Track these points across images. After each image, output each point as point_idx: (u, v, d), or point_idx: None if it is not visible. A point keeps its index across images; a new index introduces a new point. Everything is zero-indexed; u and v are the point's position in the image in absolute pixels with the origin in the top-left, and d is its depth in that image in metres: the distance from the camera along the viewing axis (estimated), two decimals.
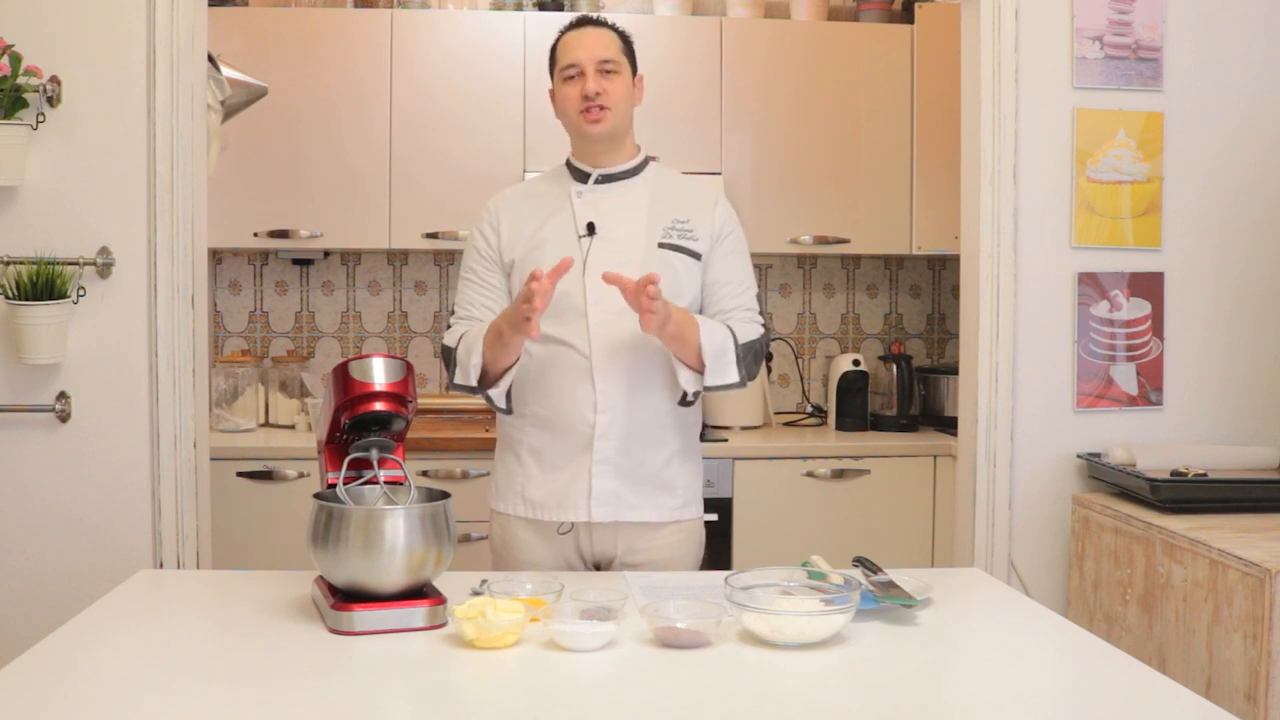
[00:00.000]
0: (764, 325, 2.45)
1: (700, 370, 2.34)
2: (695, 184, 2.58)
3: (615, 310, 2.36)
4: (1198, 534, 2.56)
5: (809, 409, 4.46)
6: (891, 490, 3.88)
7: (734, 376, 2.35)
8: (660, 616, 1.84)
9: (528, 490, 2.42)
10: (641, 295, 2.17)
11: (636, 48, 2.49)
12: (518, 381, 2.45)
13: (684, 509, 2.46)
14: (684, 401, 2.41)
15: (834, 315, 4.50)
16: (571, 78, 2.39)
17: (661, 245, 2.40)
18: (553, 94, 2.46)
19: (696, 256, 2.41)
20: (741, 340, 2.37)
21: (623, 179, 2.46)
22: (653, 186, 2.46)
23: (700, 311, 2.44)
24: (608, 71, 2.38)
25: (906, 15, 4.24)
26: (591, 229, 2.40)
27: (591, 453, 2.36)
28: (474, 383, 2.37)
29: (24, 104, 2.71)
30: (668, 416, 2.42)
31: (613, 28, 2.45)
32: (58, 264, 2.72)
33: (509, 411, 2.42)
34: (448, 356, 2.43)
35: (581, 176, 2.46)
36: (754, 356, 2.40)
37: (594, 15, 2.49)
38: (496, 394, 2.38)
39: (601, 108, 2.37)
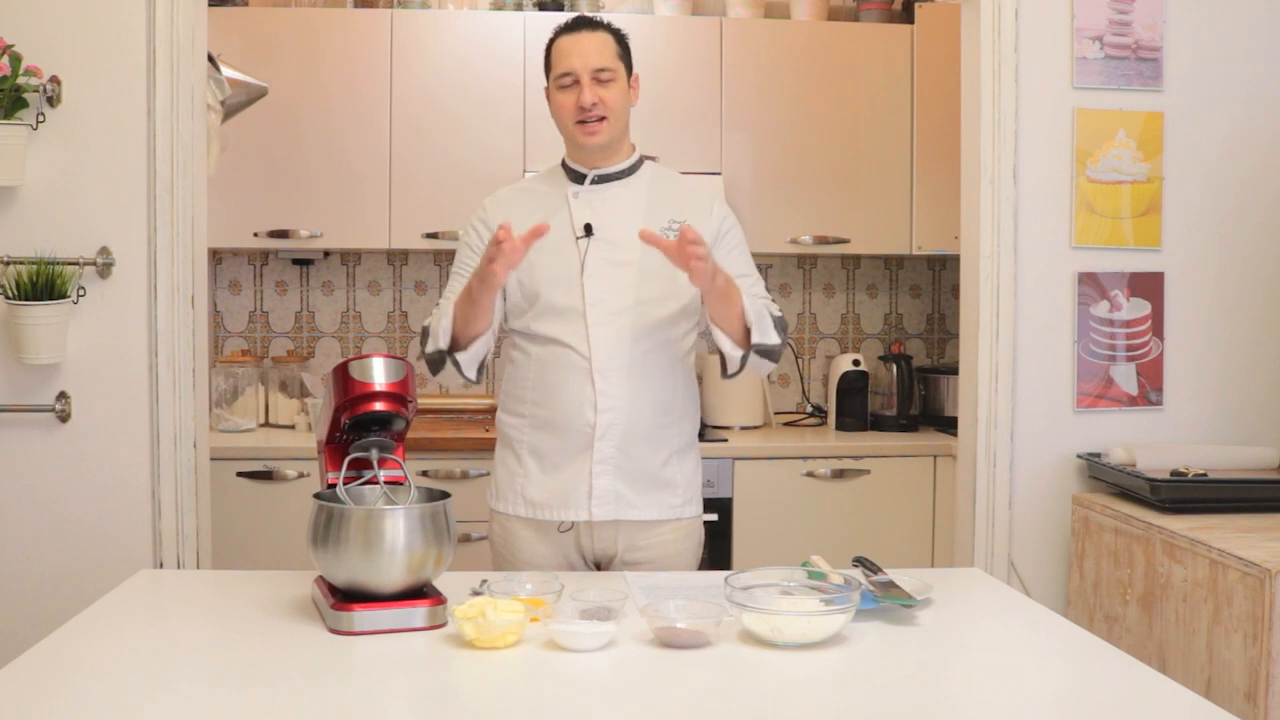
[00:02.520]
0: (779, 310, 2.47)
1: (740, 338, 2.35)
2: (691, 183, 2.58)
3: (614, 310, 2.37)
4: (1198, 534, 2.56)
5: (809, 409, 4.46)
6: (891, 490, 3.88)
7: (775, 338, 2.37)
8: (660, 616, 1.84)
9: (528, 490, 2.42)
10: (686, 250, 2.18)
11: (635, 48, 2.48)
12: (515, 381, 2.46)
13: (684, 507, 2.46)
14: (726, 373, 2.42)
15: (834, 315, 4.50)
16: (566, 86, 2.38)
17: None
18: (548, 93, 2.45)
19: None
20: (775, 313, 2.41)
21: (619, 179, 2.45)
22: (649, 186, 2.46)
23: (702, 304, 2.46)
24: (603, 80, 2.37)
25: (906, 15, 4.24)
26: (589, 230, 2.40)
27: (592, 453, 2.37)
28: (443, 345, 2.37)
29: (24, 104, 2.71)
30: (667, 415, 2.42)
31: (608, 28, 2.42)
32: (58, 264, 2.72)
33: (475, 382, 2.44)
34: (424, 335, 2.44)
35: (577, 177, 2.46)
36: (783, 330, 2.42)
37: (590, 15, 2.45)
38: (464, 359, 2.37)
39: (599, 118, 2.36)
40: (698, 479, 2.51)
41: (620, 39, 2.43)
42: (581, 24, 2.41)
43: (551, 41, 2.43)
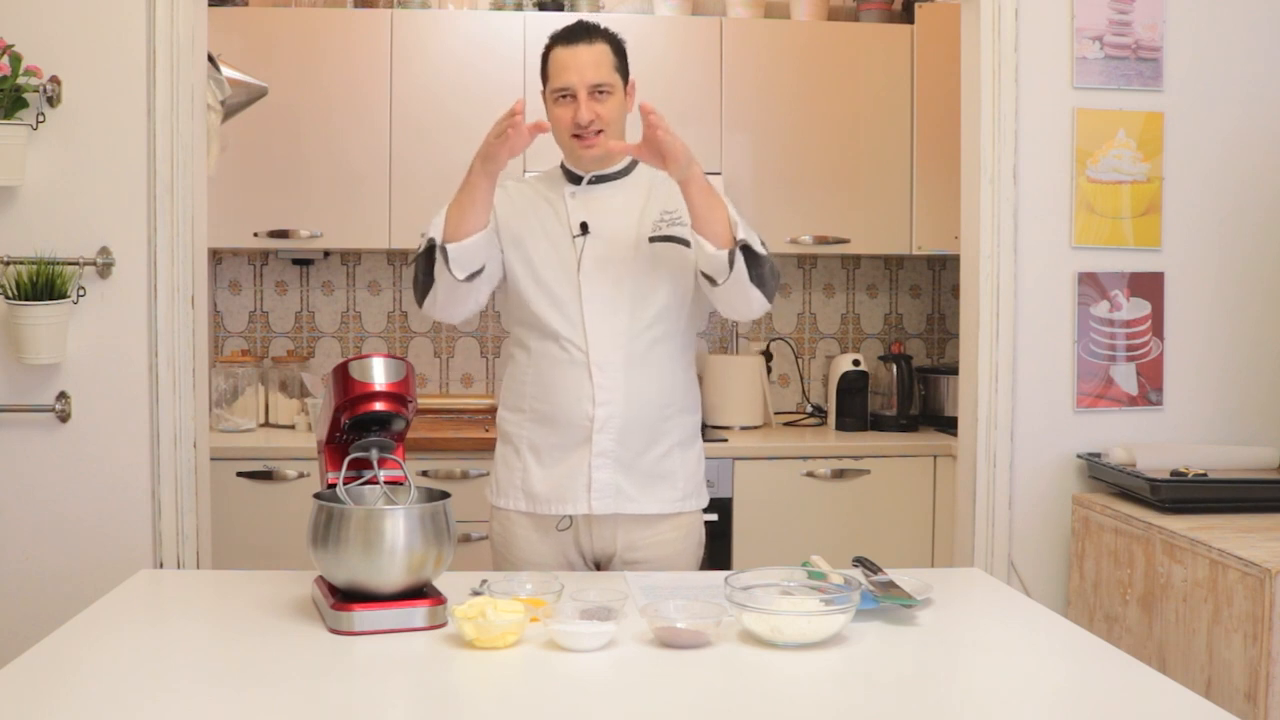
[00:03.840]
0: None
1: (725, 243, 2.28)
2: None
3: (610, 306, 2.39)
4: (1198, 534, 2.56)
5: (809, 409, 4.46)
6: (891, 490, 3.88)
7: (762, 248, 2.32)
8: (660, 616, 1.84)
9: (527, 483, 2.43)
10: (649, 122, 2.19)
11: (635, 48, 2.48)
12: (515, 378, 2.47)
13: (684, 501, 2.47)
14: (715, 283, 2.33)
15: (834, 315, 4.50)
16: (563, 99, 2.38)
17: (652, 239, 2.42)
18: (544, 99, 2.45)
19: (686, 244, 2.41)
20: (758, 235, 2.35)
21: (615, 179, 2.47)
22: (645, 186, 2.47)
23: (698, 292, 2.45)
24: (600, 94, 2.36)
25: (906, 15, 4.24)
26: (585, 229, 2.41)
27: (590, 446, 2.37)
28: (437, 236, 2.33)
29: (24, 104, 2.71)
30: (666, 409, 2.43)
31: (605, 36, 2.40)
32: (58, 264, 2.72)
33: (465, 281, 2.34)
34: (416, 270, 2.39)
35: (575, 178, 2.47)
36: (770, 269, 2.36)
37: (587, 22, 2.42)
38: (454, 250, 2.31)
39: (596, 132, 2.37)
40: (700, 473, 2.52)
41: (618, 48, 2.42)
42: (579, 35, 2.39)
43: (548, 50, 2.42)
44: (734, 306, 2.38)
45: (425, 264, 2.36)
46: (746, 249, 2.29)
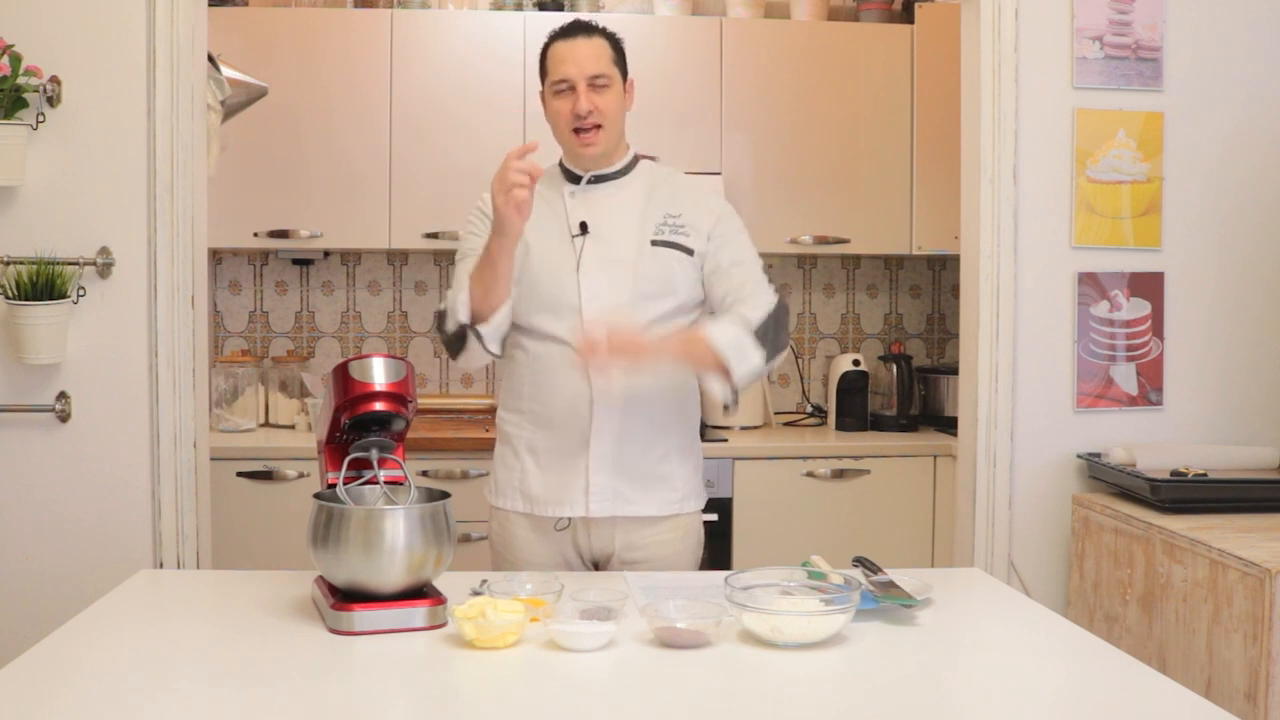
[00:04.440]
0: (776, 291, 2.39)
1: (724, 372, 2.28)
2: (688, 180, 2.56)
3: (609, 307, 2.37)
4: (1198, 534, 2.56)
5: (809, 409, 4.46)
6: (891, 490, 3.88)
7: (758, 360, 2.28)
8: (660, 616, 1.84)
9: (526, 485, 2.43)
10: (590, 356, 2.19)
11: (635, 48, 2.48)
12: (514, 379, 2.47)
13: (682, 503, 2.46)
14: (726, 412, 2.38)
15: (834, 315, 4.50)
16: (562, 92, 2.38)
17: (654, 243, 2.40)
18: (543, 98, 2.45)
19: (690, 252, 2.40)
20: (756, 320, 2.30)
21: (615, 178, 2.46)
22: (646, 184, 2.46)
23: (704, 301, 2.44)
24: (599, 86, 2.36)
25: (906, 15, 4.24)
26: (584, 229, 2.40)
27: (589, 449, 2.37)
28: (464, 319, 2.32)
29: (24, 104, 2.71)
30: (664, 412, 2.43)
31: (603, 33, 2.41)
32: (58, 264, 2.72)
33: (499, 356, 2.38)
34: (440, 319, 2.40)
35: (574, 178, 2.46)
36: (776, 326, 2.33)
37: (585, 20, 2.44)
38: (487, 331, 2.32)
39: (595, 126, 2.36)
40: (698, 475, 2.52)
41: (616, 45, 2.42)
42: (578, 30, 2.40)
43: (547, 46, 2.42)
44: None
45: (457, 334, 2.36)
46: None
